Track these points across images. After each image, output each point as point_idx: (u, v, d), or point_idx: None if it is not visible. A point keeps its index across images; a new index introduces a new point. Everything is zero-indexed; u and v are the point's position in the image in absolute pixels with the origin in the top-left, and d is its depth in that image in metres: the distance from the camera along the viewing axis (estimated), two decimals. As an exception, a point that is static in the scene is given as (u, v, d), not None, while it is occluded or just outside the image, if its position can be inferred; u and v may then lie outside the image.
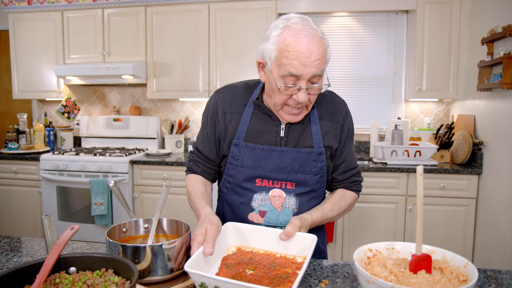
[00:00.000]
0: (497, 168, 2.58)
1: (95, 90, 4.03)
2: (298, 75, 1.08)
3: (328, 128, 1.27)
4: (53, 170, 3.26)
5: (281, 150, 1.23)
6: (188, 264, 0.90)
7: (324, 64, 1.11)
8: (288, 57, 1.07)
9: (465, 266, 0.92)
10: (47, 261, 0.87)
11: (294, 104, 1.15)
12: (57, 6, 3.62)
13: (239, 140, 1.25)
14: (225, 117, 1.28)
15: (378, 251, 1.04)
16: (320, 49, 1.08)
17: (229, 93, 1.31)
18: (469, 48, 3.03)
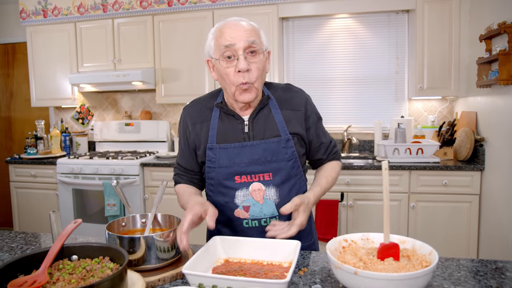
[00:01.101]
0: (498, 164, 2.61)
1: (108, 96, 4.20)
2: (231, 44, 1.22)
3: (291, 116, 1.36)
4: (69, 173, 3.43)
5: (251, 144, 1.31)
6: (186, 267, 0.98)
7: (255, 36, 1.25)
8: (222, 36, 1.24)
9: (430, 253, 1.00)
10: (51, 250, 0.98)
11: (241, 78, 1.24)
12: (70, 18, 3.80)
13: (212, 143, 1.34)
14: (195, 128, 1.38)
15: (353, 241, 1.13)
16: (248, 25, 1.26)
17: (195, 106, 1.42)
18: (469, 45, 3.06)
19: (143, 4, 3.62)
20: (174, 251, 1.15)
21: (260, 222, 1.33)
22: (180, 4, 3.55)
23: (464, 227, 2.89)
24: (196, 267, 1.02)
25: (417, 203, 2.94)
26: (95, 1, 3.72)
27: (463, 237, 2.90)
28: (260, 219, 1.33)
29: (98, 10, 3.72)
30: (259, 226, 1.34)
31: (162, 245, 1.11)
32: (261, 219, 1.33)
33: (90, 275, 0.94)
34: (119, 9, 3.68)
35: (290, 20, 3.65)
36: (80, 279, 0.91)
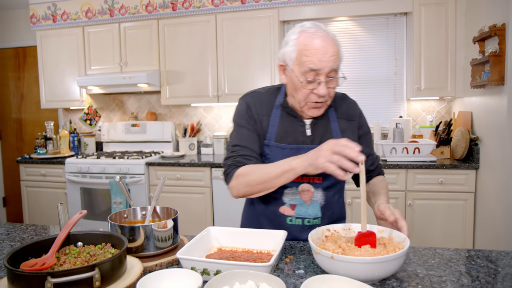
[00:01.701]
0: (491, 162, 2.68)
1: (115, 98, 4.33)
2: (317, 69, 1.22)
3: (345, 126, 1.42)
4: (77, 172, 3.56)
5: (308, 148, 1.33)
6: (180, 252, 1.08)
7: (338, 60, 1.26)
8: (307, 55, 1.22)
9: (403, 241, 1.09)
10: (59, 236, 1.09)
11: (315, 98, 1.28)
12: (78, 23, 3.94)
13: (270, 140, 1.37)
14: (259, 117, 1.39)
15: (336, 231, 1.22)
16: (334, 47, 1.24)
17: (257, 97, 1.42)
18: (465, 46, 3.13)
19: (149, 9, 3.74)
20: (171, 241, 1.25)
21: (303, 222, 1.38)
22: (184, 8, 3.67)
23: (460, 224, 2.96)
24: (190, 254, 1.11)
25: (414, 201, 3.01)
26: (103, 6, 3.86)
27: (459, 234, 2.97)
28: (304, 219, 1.38)
29: (105, 14, 3.85)
30: (302, 225, 1.38)
31: (160, 234, 1.21)
32: (305, 218, 1.38)
33: (94, 259, 1.05)
34: (125, 14, 3.81)
35: (291, 23, 3.74)
36: (84, 262, 1.01)
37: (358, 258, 0.95)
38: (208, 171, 3.38)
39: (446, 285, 0.98)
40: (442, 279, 1.01)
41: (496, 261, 1.13)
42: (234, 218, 3.25)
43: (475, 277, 1.02)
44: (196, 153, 3.95)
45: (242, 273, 0.94)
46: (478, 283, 0.99)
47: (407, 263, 1.13)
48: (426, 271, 1.07)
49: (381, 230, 1.19)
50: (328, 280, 0.91)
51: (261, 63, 3.53)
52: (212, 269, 1.03)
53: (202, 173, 3.39)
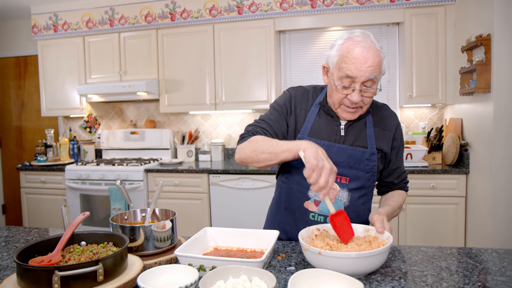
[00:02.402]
0: (481, 167, 2.76)
1: (114, 106, 4.41)
2: (353, 76, 1.27)
3: (381, 134, 1.46)
4: (77, 179, 3.62)
5: (339, 146, 1.40)
6: (178, 250, 1.15)
7: (377, 72, 1.28)
8: (347, 62, 1.28)
9: (387, 238, 1.16)
10: (64, 236, 1.16)
11: (349, 103, 1.34)
12: (79, 32, 4.03)
13: (303, 135, 1.42)
14: (296, 111, 1.46)
15: (325, 230, 1.29)
16: (375, 59, 1.26)
17: (301, 91, 1.50)
18: (455, 55, 3.22)
19: (148, 19, 3.84)
20: (170, 241, 1.31)
21: (325, 219, 1.42)
22: (182, 18, 3.76)
23: (452, 227, 3.03)
24: (187, 252, 1.18)
25: (406, 205, 3.08)
26: (103, 16, 3.95)
27: (451, 237, 3.04)
28: (326, 216, 1.42)
29: (105, 24, 3.95)
30: (323, 222, 1.41)
31: (159, 234, 1.28)
32: (327, 216, 1.41)
33: (96, 257, 1.11)
34: (125, 24, 3.90)
35: (286, 32, 3.84)
36: (88, 259, 1.08)
37: (343, 254, 1.02)
38: (205, 177, 3.45)
39: (427, 278, 1.05)
40: (424, 274, 1.09)
41: (475, 257, 1.20)
42: (231, 223, 3.32)
43: (454, 271, 1.09)
44: (194, 160, 4.02)
45: (236, 268, 1.01)
46: (456, 276, 1.06)
47: (392, 259, 1.20)
48: (409, 267, 1.14)
49: (367, 229, 1.26)
50: (315, 273, 0.98)
51: (257, 72, 3.62)
52: (208, 265, 1.09)
53: (200, 179, 3.46)
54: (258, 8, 3.62)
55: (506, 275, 1.06)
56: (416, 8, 3.32)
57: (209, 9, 3.71)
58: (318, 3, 3.51)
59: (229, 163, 3.75)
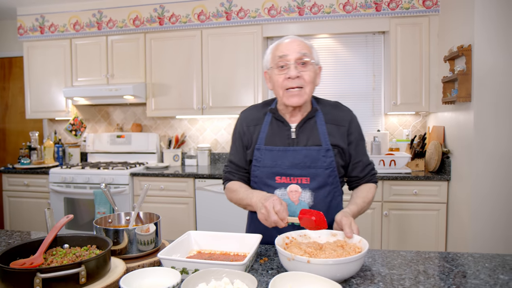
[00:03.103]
0: (461, 174, 2.82)
1: (100, 109, 4.38)
2: (285, 54, 1.41)
3: (334, 130, 1.50)
4: (61, 182, 3.58)
5: (294, 149, 1.46)
6: (161, 253, 1.16)
7: (307, 49, 1.43)
8: (278, 49, 1.45)
9: (360, 241, 1.19)
10: (46, 238, 1.16)
11: (290, 84, 1.41)
12: (66, 35, 4.01)
13: (260, 145, 1.51)
14: (249, 129, 1.56)
15: (294, 238, 1.28)
16: (302, 41, 1.44)
17: (251, 110, 1.61)
18: (438, 64, 3.30)
19: (136, 23, 3.84)
20: (153, 244, 1.32)
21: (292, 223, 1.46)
22: (170, 23, 3.78)
23: (433, 233, 3.08)
24: (171, 255, 1.19)
25: (389, 211, 3.13)
26: (91, 19, 3.94)
27: (432, 242, 3.09)
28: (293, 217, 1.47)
29: (93, 27, 3.94)
30: (292, 225, 1.44)
31: (143, 238, 1.29)
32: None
33: (79, 259, 1.11)
34: (113, 27, 3.90)
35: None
36: (71, 262, 1.08)
37: (333, 260, 1.02)
38: (191, 182, 3.45)
39: (405, 282, 1.08)
40: (402, 277, 1.11)
41: (452, 261, 1.24)
42: (216, 228, 3.32)
43: (431, 275, 1.13)
44: (180, 164, 4.01)
45: (218, 271, 1.02)
46: (433, 279, 1.09)
47: (372, 263, 1.23)
48: (389, 271, 1.17)
49: (334, 234, 1.28)
50: (296, 276, 1.00)
51: (245, 78, 3.65)
52: (191, 268, 1.10)
53: (186, 184, 3.46)
54: (246, 14, 3.66)
55: (479, 278, 1.10)
56: (401, 17, 3.39)
57: (197, 14, 3.74)
58: (306, 10, 3.56)
59: (215, 168, 3.76)
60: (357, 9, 3.48)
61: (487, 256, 1.28)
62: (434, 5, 3.32)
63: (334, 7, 3.52)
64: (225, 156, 4.09)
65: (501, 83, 2.52)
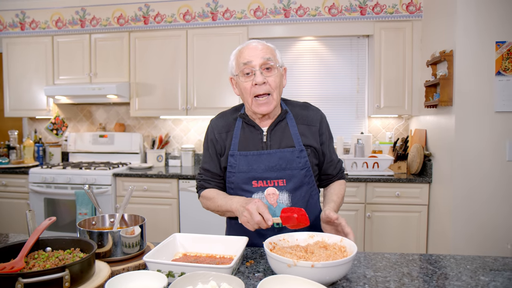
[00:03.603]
0: (442, 177, 2.88)
1: (83, 108, 4.31)
2: (249, 61, 1.41)
3: (305, 130, 1.51)
4: (41, 183, 3.50)
5: (268, 152, 1.47)
6: (147, 256, 1.15)
7: (270, 54, 1.43)
8: (241, 56, 1.44)
9: (341, 240, 1.21)
10: (28, 241, 1.13)
11: (258, 91, 1.41)
12: (47, 32, 3.93)
13: (234, 151, 1.51)
14: (221, 136, 1.56)
15: (275, 243, 1.27)
16: (264, 45, 1.44)
17: (221, 117, 1.60)
18: (421, 69, 3.36)
19: (120, 21, 3.79)
20: (138, 247, 1.30)
21: (273, 224, 1.47)
22: (155, 22, 3.74)
23: (414, 234, 3.14)
24: (156, 258, 1.18)
25: (372, 213, 3.17)
26: (74, 17, 3.87)
27: (413, 243, 3.14)
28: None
29: (76, 25, 3.87)
30: (272, 227, 1.47)
31: (127, 240, 1.27)
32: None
33: (62, 263, 1.09)
34: (96, 25, 3.84)
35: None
36: (54, 265, 1.06)
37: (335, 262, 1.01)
38: (175, 182, 3.42)
39: (390, 284, 1.10)
40: (387, 279, 1.13)
41: (435, 263, 1.26)
42: (200, 229, 3.31)
43: (415, 277, 1.15)
44: (164, 165, 3.98)
45: (205, 274, 1.02)
46: (417, 281, 1.11)
47: (357, 265, 1.24)
48: (374, 273, 1.18)
49: (311, 235, 1.29)
50: (283, 279, 1.00)
51: (230, 78, 3.63)
52: (177, 271, 1.09)
53: (170, 185, 3.43)
54: (232, 15, 3.66)
55: (461, 280, 1.12)
56: (385, 22, 3.44)
57: (183, 14, 3.71)
58: (292, 13, 3.58)
59: (200, 169, 3.74)
60: (342, 13, 3.51)
61: (468, 258, 1.31)
62: (417, 11, 3.38)
63: (320, 10, 3.54)
64: (210, 157, 4.07)
65: (481, 88, 2.58)
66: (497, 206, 2.61)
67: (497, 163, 2.59)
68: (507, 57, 2.56)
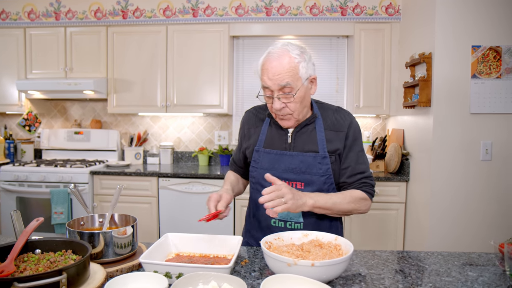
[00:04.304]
0: (419, 175, 2.97)
1: (57, 104, 4.17)
2: (267, 86, 1.39)
3: (332, 136, 1.47)
4: (13, 181, 3.37)
5: (290, 154, 1.47)
6: (143, 257, 1.13)
7: (289, 77, 1.35)
8: (263, 73, 1.41)
9: (336, 239, 1.23)
10: (17, 243, 1.08)
11: (277, 112, 1.43)
12: (19, 23, 3.77)
13: (259, 147, 1.53)
14: (249, 131, 1.60)
15: (270, 242, 1.28)
16: (284, 66, 1.35)
17: (253, 111, 1.64)
18: (399, 70, 3.45)
19: (98, 15, 3.69)
20: (130, 247, 1.28)
21: (285, 224, 1.48)
22: (134, 17, 3.66)
23: (392, 230, 3.22)
24: (151, 259, 1.16)
25: (352, 210, 3.23)
26: (48, 8, 3.73)
27: (391, 239, 3.23)
28: (286, 221, 1.48)
29: (50, 17, 3.73)
30: (284, 227, 1.48)
31: (119, 241, 1.24)
32: (286, 221, 1.49)
33: (54, 265, 1.05)
34: (72, 18, 3.72)
35: (240, 38, 3.88)
36: (47, 268, 1.02)
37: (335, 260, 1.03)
38: (155, 180, 3.37)
39: (385, 281, 1.12)
40: (381, 277, 1.15)
41: (424, 260, 1.30)
42: (180, 228, 3.27)
43: (408, 274, 1.18)
44: (142, 162, 3.91)
45: (206, 274, 1.01)
46: (410, 278, 1.14)
47: (351, 263, 1.26)
48: (368, 270, 1.21)
49: (306, 234, 1.29)
50: (283, 279, 1.00)
51: (210, 76, 3.61)
52: (175, 272, 1.08)
53: (149, 183, 3.38)
54: (213, 12, 3.63)
55: (452, 276, 1.16)
56: (365, 23, 3.51)
57: (163, 9, 3.65)
58: (273, 11, 3.59)
59: (178, 167, 3.70)
60: (324, 13, 3.55)
61: (454, 255, 1.35)
62: (396, 13, 3.47)
63: (301, 9, 3.57)
64: (188, 155, 4.03)
65: (458, 90, 2.67)
66: (471, 204, 2.72)
67: (472, 162, 2.70)
68: (482, 61, 2.66)
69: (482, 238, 2.71)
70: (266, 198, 1.24)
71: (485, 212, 2.71)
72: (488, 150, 2.67)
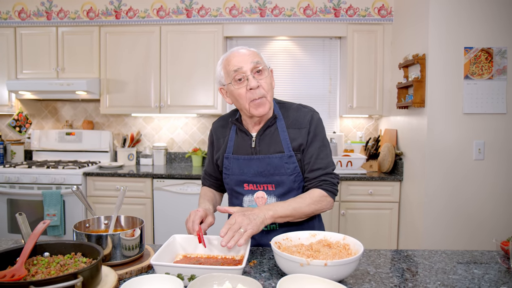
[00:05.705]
0: (413, 175, 3.01)
1: (48, 104, 4.10)
2: (239, 67, 1.41)
3: (296, 134, 1.48)
4: (4, 183, 3.31)
5: (257, 158, 1.48)
6: (154, 259, 1.12)
7: (257, 57, 1.44)
8: (230, 63, 1.43)
9: (344, 239, 1.24)
10: (26, 246, 1.07)
11: (253, 95, 1.41)
12: (9, 23, 3.70)
13: (228, 153, 1.54)
14: (219, 142, 1.61)
15: (279, 242, 1.29)
16: (249, 50, 1.45)
17: (219, 122, 1.65)
18: (391, 71, 3.49)
19: (90, 15, 3.65)
20: (138, 249, 1.27)
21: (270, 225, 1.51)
22: (128, 17, 3.63)
23: (386, 229, 3.26)
24: (160, 261, 1.16)
25: (346, 210, 3.26)
26: (39, 8, 3.68)
27: (385, 238, 3.27)
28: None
29: (41, 17, 3.68)
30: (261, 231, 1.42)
31: (128, 243, 1.23)
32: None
33: (65, 269, 1.04)
34: (64, 18, 3.67)
35: (234, 39, 3.87)
36: (59, 272, 1.01)
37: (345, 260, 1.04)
38: (149, 182, 3.35)
39: (394, 279, 1.14)
40: (389, 275, 1.17)
41: (429, 259, 1.32)
42: (175, 229, 3.26)
43: (415, 272, 1.20)
44: (135, 163, 3.88)
45: (220, 276, 1.01)
46: (418, 276, 1.16)
47: (359, 263, 1.28)
48: (375, 269, 1.22)
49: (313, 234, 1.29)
50: (298, 278, 1.01)
51: (204, 77, 3.60)
52: (187, 273, 1.08)
53: (143, 184, 3.35)
54: (207, 13, 3.62)
55: (458, 274, 1.19)
56: (358, 24, 3.54)
57: (156, 9, 3.63)
58: (267, 12, 3.60)
59: (171, 168, 3.68)
60: (317, 14, 3.58)
61: (457, 253, 1.38)
62: (388, 15, 3.51)
63: (295, 10, 3.59)
64: (181, 155, 4.02)
65: (451, 90, 2.72)
66: (465, 203, 2.77)
67: (465, 162, 2.75)
68: (474, 62, 2.72)
69: (476, 237, 2.76)
70: (225, 240, 1.20)
71: (479, 211, 2.77)
72: (481, 150, 2.73)
